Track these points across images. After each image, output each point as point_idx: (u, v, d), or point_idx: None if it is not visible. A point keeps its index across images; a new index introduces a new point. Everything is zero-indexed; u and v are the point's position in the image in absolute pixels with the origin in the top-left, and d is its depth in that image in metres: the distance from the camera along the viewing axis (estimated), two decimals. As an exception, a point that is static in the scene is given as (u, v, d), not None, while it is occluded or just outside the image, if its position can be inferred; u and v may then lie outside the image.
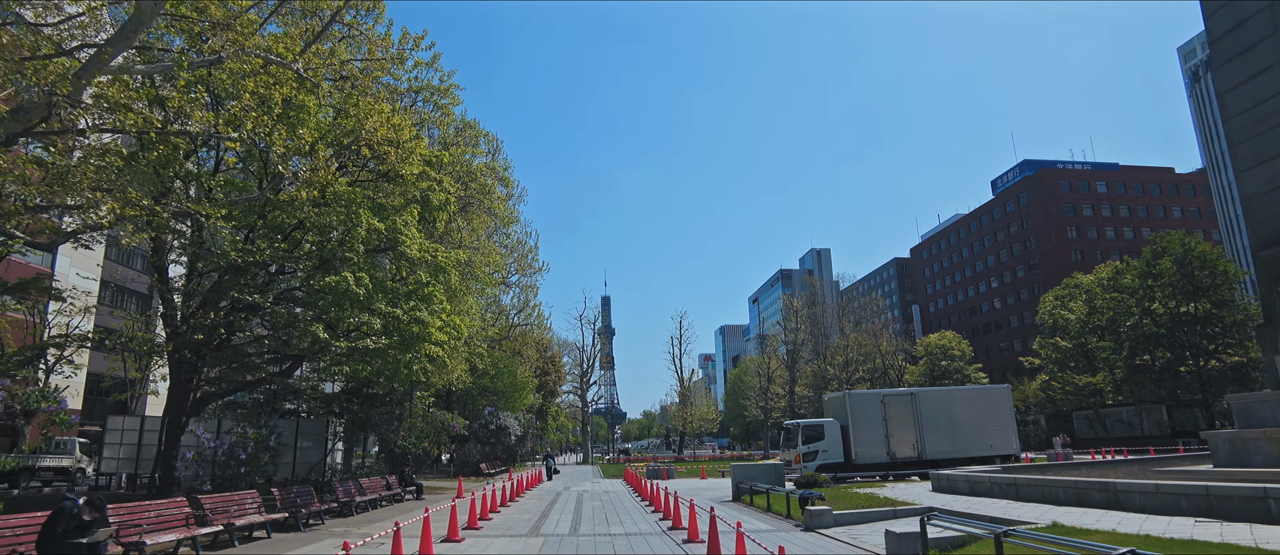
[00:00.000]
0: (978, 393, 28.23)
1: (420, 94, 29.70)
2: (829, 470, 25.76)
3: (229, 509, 12.97)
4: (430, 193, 21.97)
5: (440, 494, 27.38)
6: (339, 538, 14.32)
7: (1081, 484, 13.66)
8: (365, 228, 18.53)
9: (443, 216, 23.03)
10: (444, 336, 19.58)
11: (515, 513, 19.72)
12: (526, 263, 51.71)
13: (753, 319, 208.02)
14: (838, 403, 27.67)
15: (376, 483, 22.85)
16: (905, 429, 26.73)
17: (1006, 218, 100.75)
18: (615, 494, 26.65)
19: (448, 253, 21.25)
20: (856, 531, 13.41)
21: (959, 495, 17.36)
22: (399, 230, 19.00)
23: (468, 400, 52.55)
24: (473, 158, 28.52)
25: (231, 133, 14.98)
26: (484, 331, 31.88)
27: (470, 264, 27.42)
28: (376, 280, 18.61)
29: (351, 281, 17.44)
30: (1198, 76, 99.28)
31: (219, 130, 14.20)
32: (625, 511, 19.58)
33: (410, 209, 20.37)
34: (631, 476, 31.43)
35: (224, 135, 14.60)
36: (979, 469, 19.50)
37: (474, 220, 31.24)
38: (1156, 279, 54.70)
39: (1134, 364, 55.52)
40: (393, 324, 18.30)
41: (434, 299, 20.29)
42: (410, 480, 25.67)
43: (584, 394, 79.20)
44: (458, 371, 30.33)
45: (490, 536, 14.56)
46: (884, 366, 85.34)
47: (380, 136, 18.02)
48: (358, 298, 17.40)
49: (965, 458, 27.09)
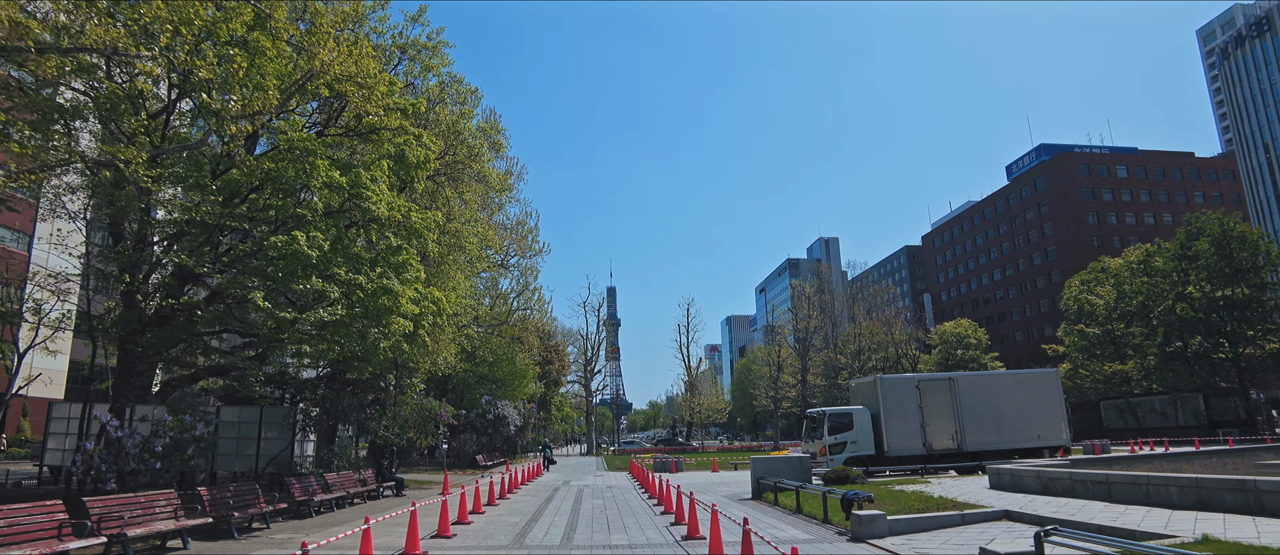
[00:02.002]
0: (1023, 378, 25.34)
1: (405, 52, 26.85)
2: (858, 464, 22.96)
3: (124, 515, 10.21)
4: (406, 148, 19.13)
5: (426, 489, 24.70)
6: (279, 547, 11.61)
7: (1207, 483, 10.80)
8: (321, 180, 15.74)
9: (421, 175, 20.20)
10: (416, 309, 16.78)
11: (502, 514, 16.97)
12: (527, 244, 48.83)
13: (760, 309, 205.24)
14: (867, 389, 24.80)
15: (347, 478, 20.13)
16: (943, 418, 23.87)
17: (1022, 203, 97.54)
18: (619, 490, 23.94)
19: (424, 214, 18.40)
20: (920, 544, 10.61)
21: (1028, 493, 14.52)
22: (364, 186, 16.17)
23: (465, 388, 49.89)
24: (460, 117, 25.65)
25: (142, 50, 12.14)
26: (474, 310, 29.06)
27: (457, 235, 24.60)
28: (337, 243, 15.83)
29: (303, 241, 14.65)
30: (1227, 54, 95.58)
31: (122, 47, 11.38)
32: (630, 513, 16.81)
33: (379, 164, 17.54)
34: (637, 469, 28.72)
35: (130, 54, 11.78)
36: (1048, 463, 16.63)
37: (464, 191, 28.33)
38: (1192, 261, 51.57)
39: (1168, 351, 52.45)
40: (355, 294, 15.51)
41: (408, 267, 17.50)
42: (389, 474, 22.96)
43: (588, 383, 76.53)
44: (445, 354, 27.54)
45: (462, 548, 11.79)
46: (897, 355, 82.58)
47: (337, 71, 15.20)
48: (310, 260, 14.62)
49: (1009, 450, 24.26)
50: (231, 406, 23.47)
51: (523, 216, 49.52)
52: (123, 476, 12.88)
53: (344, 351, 16.96)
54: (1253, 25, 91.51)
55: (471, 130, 25.22)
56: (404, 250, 17.06)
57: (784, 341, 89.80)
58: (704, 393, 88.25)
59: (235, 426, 22.84)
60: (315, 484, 17.80)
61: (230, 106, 13.08)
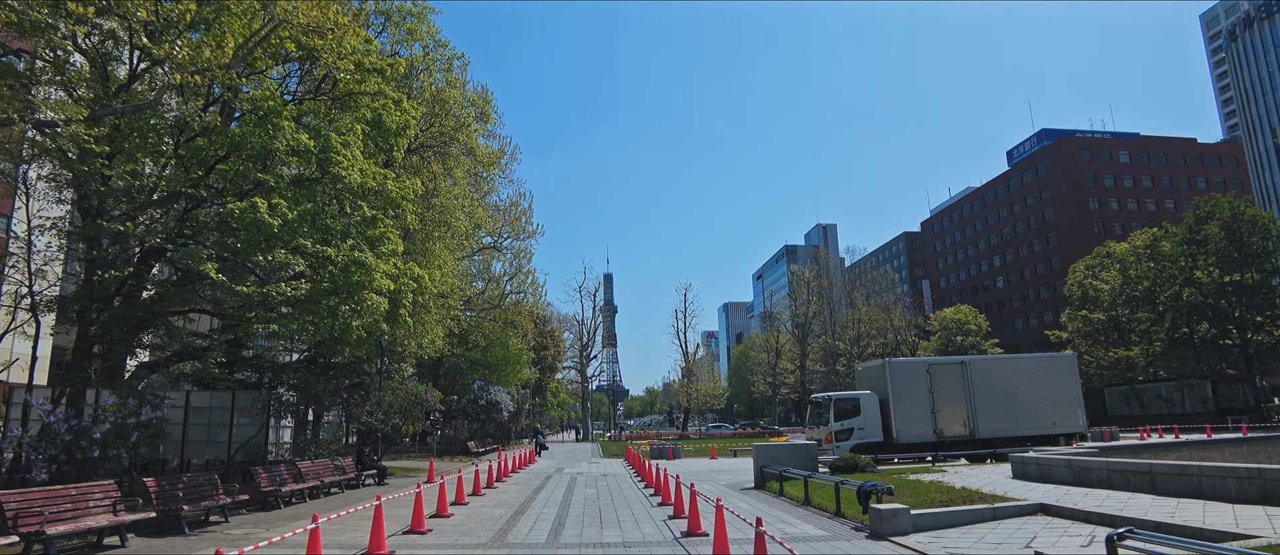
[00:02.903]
0: (1039, 362, 24.16)
1: (389, 18, 25.36)
2: (865, 451, 21.79)
3: (45, 511, 8.93)
4: (383, 113, 17.72)
5: (411, 478, 23.51)
6: (231, 544, 10.37)
7: (1272, 474, 9.61)
8: (287, 143, 14.38)
9: (401, 143, 18.78)
10: (392, 286, 15.47)
11: (487, 505, 15.78)
12: (520, 226, 47.36)
13: (757, 296, 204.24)
14: (875, 373, 23.58)
15: (323, 466, 18.90)
16: (954, 403, 22.70)
17: (1024, 189, 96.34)
18: (614, 478, 22.77)
19: (402, 182, 17.01)
20: (950, 542, 9.41)
21: (1058, 484, 13.34)
22: (334, 150, 14.80)
23: (457, 374, 48.63)
24: (447, 86, 24.19)
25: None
26: (463, 291, 27.78)
27: (444, 211, 23.20)
28: (306, 213, 14.48)
29: (264, 210, 13.31)
30: (1235, 36, 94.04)
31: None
32: (625, 504, 15.63)
33: (353, 128, 16.16)
34: (633, 457, 27.56)
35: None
36: (1077, 450, 15.47)
37: (453, 166, 26.84)
38: (1201, 245, 50.46)
39: (1175, 336, 51.43)
40: (324, 268, 14.19)
41: (385, 241, 16.18)
42: (371, 462, 21.75)
43: (584, 369, 75.37)
44: (432, 336, 26.22)
45: (436, 546, 10.58)
46: (896, 341, 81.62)
47: (303, 21, 13.82)
48: (272, 230, 13.29)
49: (1023, 437, 23.12)
50: (203, 391, 22.21)
51: (516, 197, 48.09)
52: (71, 465, 11.58)
53: (318, 332, 15.66)
54: (1261, 7, 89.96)
55: (459, 100, 23.76)
56: (380, 221, 15.70)
57: (782, 327, 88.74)
58: (701, 379, 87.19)
59: (206, 412, 21.59)
60: (286, 473, 16.57)
61: (177, 55, 11.67)
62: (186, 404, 21.73)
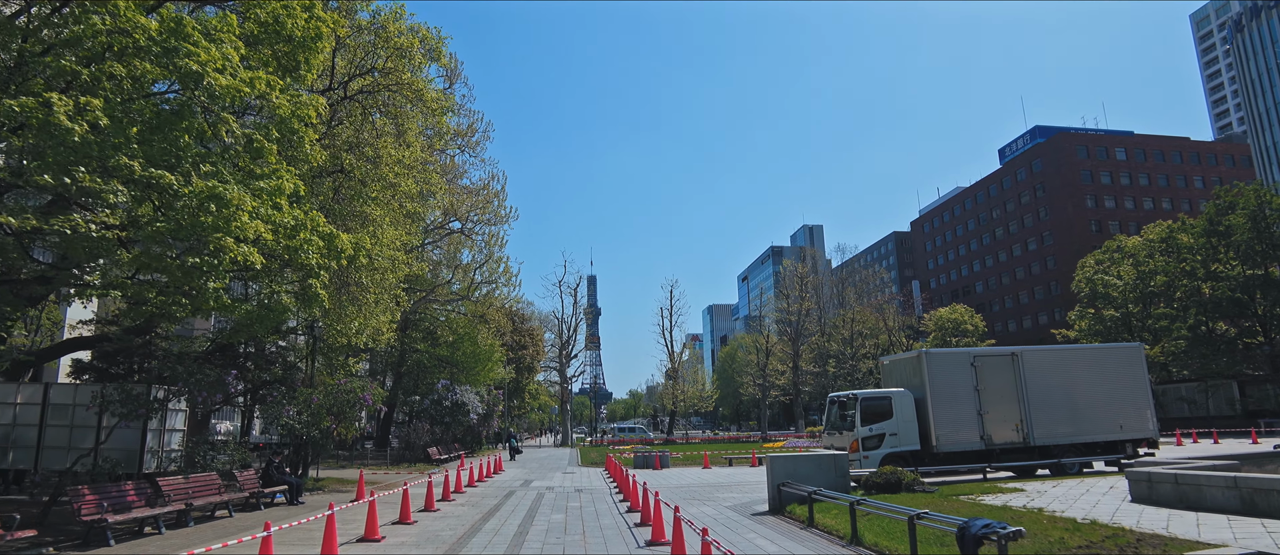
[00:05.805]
0: (1102, 353, 20.19)
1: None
2: (898, 461, 17.66)
3: None
4: (283, 16, 13.30)
5: (344, 493, 19.03)
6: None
7: None
8: (115, 23, 9.97)
9: (314, 62, 14.37)
10: (270, 236, 11.03)
11: (410, 541, 11.41)
12: (492, 209, 42.77)
13: (742, 298, 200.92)
14: (908, 366, 19.41)
15: (205, 482, 14.39)
16: (1005, 403, 18.63)
17: (1017, 187, 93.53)
18: (589, 494, 18.48)
19: (298, 96, 12.57)
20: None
21: (1215, 511, 9.26)
22: (187, 36, 10.37)
23: (421, 372, 44.01)
24: (392, 16, 19.77)
25: None
26: (407, 266, 23.29)
27: (378, 163, 18.78)
28: (142, 122, 10.06)
29: (62, 110, 8.91)
30: (1242, 26, 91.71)
31: None
32: (595, 534, 11.34)
33: (228, 20, 11.73)
34: (614, 467, 23.27)
35: None
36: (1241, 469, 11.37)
37: (403, 122, 22.24)
38: (1223, 237, 47.16)
39: (1198, 334, 48.06)
40: (159, 198, 9.78)
41: (269, 177, 11.79)
42: (281, 475, 17.23)
43: (564, 369, 70.82)
44: (374, 323, 21.66)
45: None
46: (890, 342, 78.11)
47: None
48: (73, 141, 8.88)
49: (1086, 443, 19.14)
50: (64, 386, 17.63)
51: (488, 178, 43.72)
52: None
53: (169, 301, 11.21)
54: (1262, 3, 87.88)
55: (403, 30, 19.39)
56: (258, 142, 11.28)
57: (770, 328, 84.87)
58: (687, 381, 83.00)
59: (68, 410, 17.01)
60: (134, 493, 12.07)
61: None
62: (45, 400, 17.15)
